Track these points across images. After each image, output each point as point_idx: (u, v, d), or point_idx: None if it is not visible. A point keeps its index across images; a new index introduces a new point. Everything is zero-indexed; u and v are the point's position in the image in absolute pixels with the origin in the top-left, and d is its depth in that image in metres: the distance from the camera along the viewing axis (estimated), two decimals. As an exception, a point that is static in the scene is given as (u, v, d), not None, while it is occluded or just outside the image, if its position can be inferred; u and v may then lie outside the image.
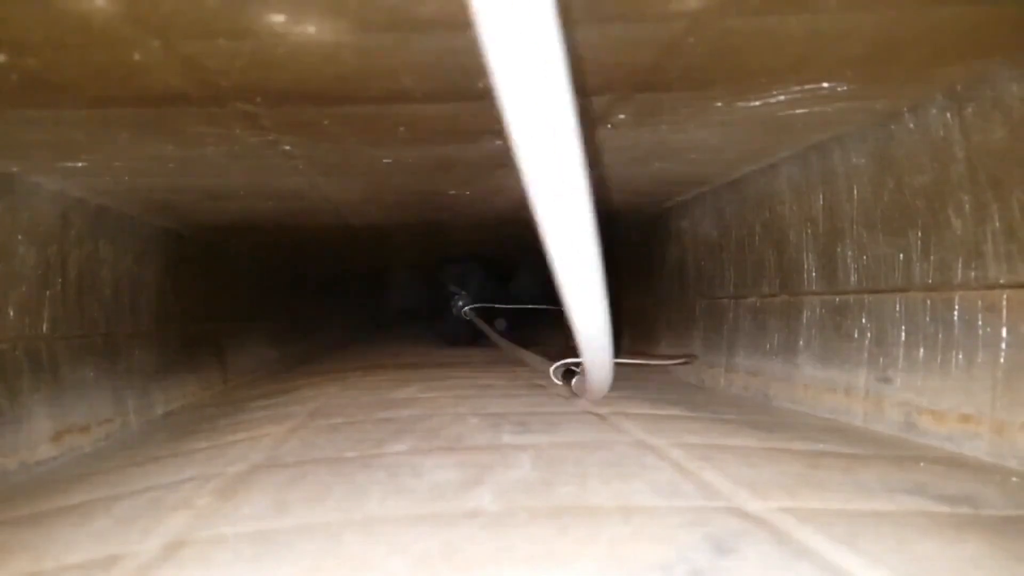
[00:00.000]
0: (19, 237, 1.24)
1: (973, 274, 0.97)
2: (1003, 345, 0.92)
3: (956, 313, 1.00)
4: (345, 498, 0.76)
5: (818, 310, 1.32)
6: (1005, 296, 0.92)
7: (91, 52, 0.72)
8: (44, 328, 1.31)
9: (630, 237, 2.40)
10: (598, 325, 0.95)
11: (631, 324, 2.38)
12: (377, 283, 4.44)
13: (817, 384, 1.29)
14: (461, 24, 0.70)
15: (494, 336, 2.68)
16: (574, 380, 1.43)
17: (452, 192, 1.68)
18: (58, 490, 0.95)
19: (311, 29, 0.68)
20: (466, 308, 3.10)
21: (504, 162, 1.36)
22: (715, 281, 1.76)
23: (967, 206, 0.98)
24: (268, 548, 0.63)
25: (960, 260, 0.99)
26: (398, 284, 4.40)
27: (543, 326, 3.02)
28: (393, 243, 2.80)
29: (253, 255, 2.70)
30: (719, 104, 1.02)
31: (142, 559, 0.63)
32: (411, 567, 0.58)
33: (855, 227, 1.21)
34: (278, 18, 0.65)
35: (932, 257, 1.05)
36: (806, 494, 0.75)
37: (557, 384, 1.58)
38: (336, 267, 3.70)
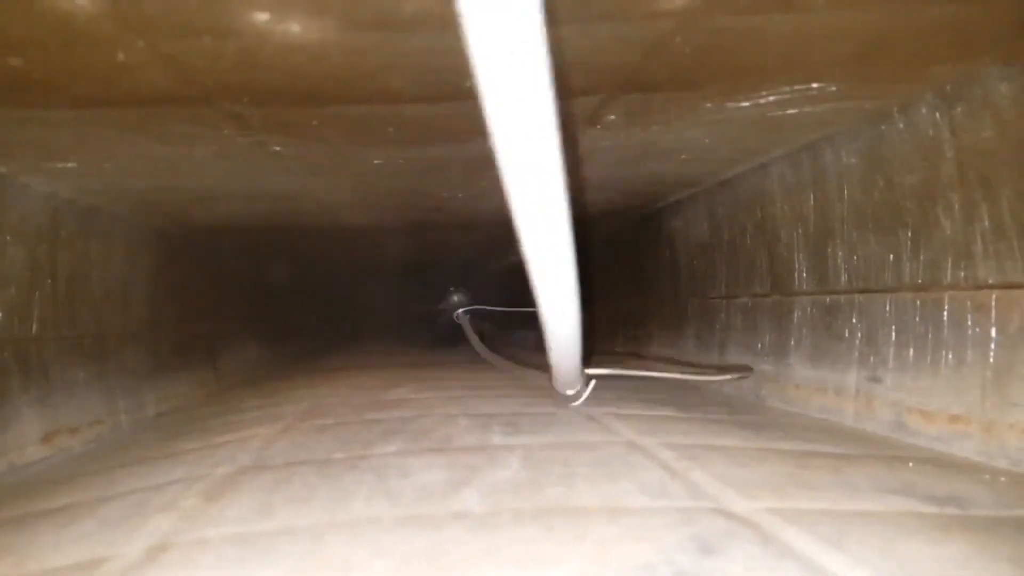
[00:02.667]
0: (8, 238, 1.24)
1: (962, 274, 0.97)
2: (992, 345, 0.92)
3: (946, 313, 1.00)
4: (331, 500, 0.76)
5: (809, 310, 1.32)
6: (994, 296, 0.92)
7: (75, 51, 0.71)
8: (34, 329, 1.31)
9: (622, 237, 2.40)
10: (569, 326, 0.96)
11: (624, 324, 2.38)
12: (370, 283, 4.43)
13: (808, 384, 1.29)
14: (446, 23, 0.69)
15: (478, 347, 2.55)
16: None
17: (444, 194, 1.67)
18: (45, 492, 0.94)
19: (296, 28, 0.68)
20: (458, 312, 3.03)
21: (495, 163, 1.36)
22: (707, 281, 1.75)
23: (956, 206, 0.98)
24: (251, 550, 0.63)
25: (949, 260, 0.99)
26: (391, 284, 4.38)
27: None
28: (386, 244, 2.80)
29: (246, 256, 2.69)
30: (709, 104, 1.02)
31: (125, 562, 0.62)
32: (394, 569, 0.58)
33: (845, 227, 1.20)
34: (262, 16, 0.65)
35: (922, 257, 1.04)
36: (794, 494, 0.74)
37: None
38: (329, 268, 3.69)
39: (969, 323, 0.96)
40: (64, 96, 0.86)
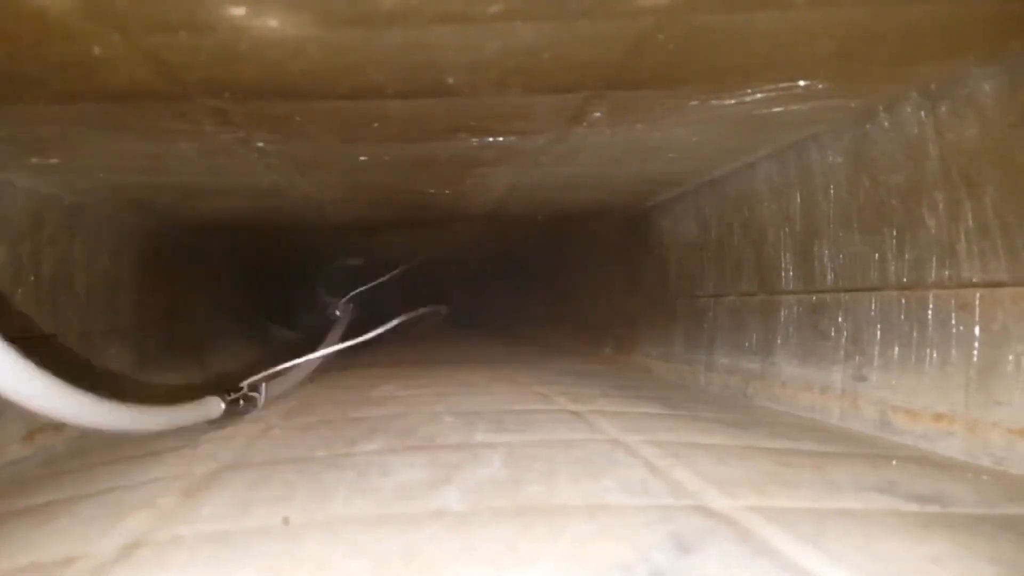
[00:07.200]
0: (-11, 235, 1.23)
1: (947, 272, 0.97)
2: (976, 344, 0.92)
3: (930, 312, 1.00)
4: (310, 498, 0.75)
5: (795, 308, 1.32)
6: (978, 295, 0.92)
7: (50, 46, 0.71)
8: (16, 327, 1.30)
9: (611, 238, 2.39)
10: None
11: (613, 324, 2.37)
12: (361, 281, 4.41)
13: (794, 382, 1.29)
14: (425, 18, 0.69)
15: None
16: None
17: (431, 191, 1.67)
18: (24, 490, 0.93)
19: (273, 23, 0.67)
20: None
21: (483, 161, 1.35)
22: (695, 280, 1.75)
23: (941, 205, 0.98)
24: (226, 549, 0.62)
25: (934, 259, 0.99)
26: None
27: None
28: (376, 241, 2.79)
29: (235, 253, 2.68)
30: (694, 103, 1.02)
31: (98, 560, 0.62)
32: (369, 568, 0.57)
33: (831, 226, 1.20)
34: (238, 11, 0.64)
35: (907, 256, 1.04)
36: (775, 492, 0.74)
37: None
38: (319, 265, 3.68)
39: (953, 322, 0.96)
40: (43, 91, 0.86)
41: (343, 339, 2.02)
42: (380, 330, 1.76)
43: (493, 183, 1.59)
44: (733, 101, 1.01)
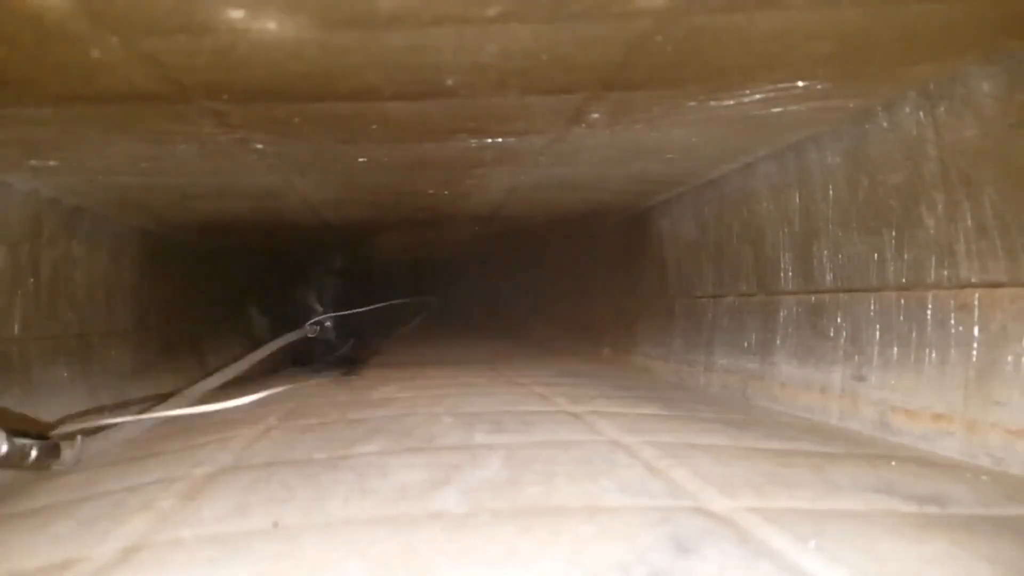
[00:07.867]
0: (-12, 237, 1.23)
1: (946, 273, 0.97)
2: (975, 344, 0.92)
3: (929, 312, 1.00)
4: (308, 500, 0.75)
5: (794, 309, 1.32)
6: (977, 295, 0.92)
7: (47, 49, 0.71)
8: (15, 329, 1.30)
9: (610, 237, 2.39)
10: None
11: (612, 324, 2.37)
12: (360, 282, 4.42)
13: (794, 382, 1.29)
14: (424, 20, 0.69)
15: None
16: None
17: (430, 191, 1.67)
18: (23, 493, 0.93)
19: (271, 25, 0.67)
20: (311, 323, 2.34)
21: (482, 162, 1.36)
22: (694, 280, 1.76)
23: (940, 205, 0.98)
24: (225, 551, 0.62)
25: (933, 259, 0.99)
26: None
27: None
28: (374, 242, 2.79)
29: (233, 254, 2.68)
30: (692, 103, 1.02)
31: (98, 563, 0.62)
32: (368, 570, 0.57)
33: (830, 226, 1.21)
34: (236, 14, 0.64)
35: (906, 256, 1.05)
36: (774, 493, 0.74)
37: None
38: (317, 265, 3.68)
39: (952, 322, 0.96)
40: (41, 93, 0.86)
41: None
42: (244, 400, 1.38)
43: (492, 184, 1.59)
44: (732, 102, 1.02)
